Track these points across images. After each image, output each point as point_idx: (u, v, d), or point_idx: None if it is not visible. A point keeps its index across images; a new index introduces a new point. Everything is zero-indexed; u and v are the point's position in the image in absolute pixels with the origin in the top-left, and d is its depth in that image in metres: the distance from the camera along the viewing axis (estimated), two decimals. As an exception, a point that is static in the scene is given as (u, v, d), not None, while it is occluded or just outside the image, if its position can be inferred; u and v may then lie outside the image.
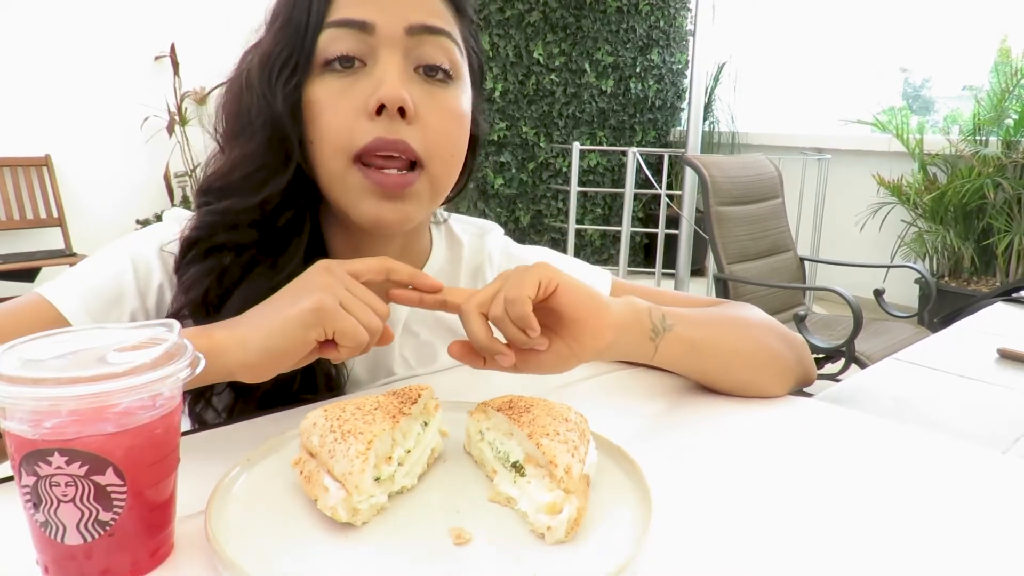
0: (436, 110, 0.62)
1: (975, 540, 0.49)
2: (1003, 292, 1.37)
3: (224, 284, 0.63)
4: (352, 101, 0.60)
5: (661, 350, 0.65)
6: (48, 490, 0.37)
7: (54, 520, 0.37)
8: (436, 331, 0.78)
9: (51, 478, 0.36)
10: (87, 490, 0.37)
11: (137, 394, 0.37)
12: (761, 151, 3.06)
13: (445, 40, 0.62)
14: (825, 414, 0.72)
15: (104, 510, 0.38)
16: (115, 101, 3.69)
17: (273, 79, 0.61)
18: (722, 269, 2.38)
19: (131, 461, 0.38)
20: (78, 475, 0.36)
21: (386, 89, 0.58)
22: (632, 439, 0.55)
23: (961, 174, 3.46)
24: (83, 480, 0.37)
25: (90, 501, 0.37)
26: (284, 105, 0.61)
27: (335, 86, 0.60)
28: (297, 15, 0.61)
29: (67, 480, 0.36)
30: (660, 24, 4.75)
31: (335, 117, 0.60)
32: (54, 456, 0.36)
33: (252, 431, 0.62)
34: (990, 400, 0.83)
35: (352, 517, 0.45)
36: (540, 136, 4.63)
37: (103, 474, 0.37)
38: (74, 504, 0.37)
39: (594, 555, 0.43)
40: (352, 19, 0.59)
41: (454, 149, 0.65)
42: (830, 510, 0.52)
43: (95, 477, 0.37)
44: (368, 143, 0.60)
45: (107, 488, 0.37)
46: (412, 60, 0.61)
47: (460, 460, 0.56)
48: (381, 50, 0.60)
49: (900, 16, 4.23)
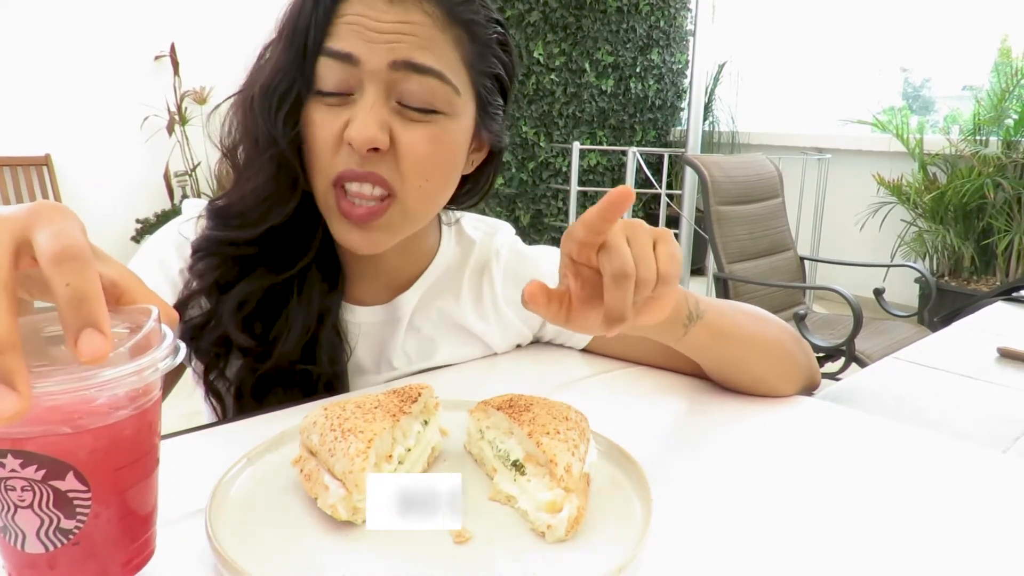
0: (413, 138, 0.62)
1: (975, 540, 0.49)
2: (1003, 291, 1.37)
3: (227, 283, 0.67)
4: (332, 129, 0.62)
5: (689, 335, 0.65)
6: (4, 494, 0.33)
7: (12, 526, 0.34)
8: (438, 327, 0.80)
9: (6, 481, 0.33)
10: (46, 495, 0.33)
11: (108, 391, 0.33)
12: (761, 151, 3.06)
13: (431, 80, 0.61)
14: (825, 413, 0.72)
15: (66, 517, 0.34)
16: (115, 101, 3.69)
17: (273, 111, 0.62)
18: (722, 268, 2.38)
19: (95, 465, 0.34)
20: (34, 479, 0.33)
21: (355, 129, 0.60)
22: (632, 438, 0.55)
23: (961, 174, 3.46)
24: (40, 485, 0.33)
25: (49, 508, 0.34)
26: (287, 140, 0.63)
27: (326, 113, 0.62)
28: (297, 39, 0.62)
29: (23, 484, 0.33)
30: (660, 24, 4.74)
31: (319, 143, 0.63)
32: (7, 458, 0.32)
33: (252, 429, 0.62)
34: (990, 399, 0.83)
35: (352, 515, 0.45)
36: (540, 136, 4.62)
37: (63, 479, 0.33)
38: (32, 511, 0.34)
39: (594, 554, 0.43)
40: (338, 51, 0.60)
41: (430, 177, 0.65)
42: (830, 509, 0.52)
43: (54, 482, 0.33)
44: (341, 172, 0.62)
45: (68, 494, 0.34)
46: (395, 94, 0.62)
47: (460, 459, 0.56)
48: (365, 83, 0.61)
49: (900, 16, 4.23)
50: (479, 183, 0.76)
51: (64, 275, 0.31)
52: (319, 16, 0.61)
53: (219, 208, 0.68)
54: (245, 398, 0.69)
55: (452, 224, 0.83)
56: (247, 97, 0.65)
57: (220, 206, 0.68)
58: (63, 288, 0.31)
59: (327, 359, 0.70)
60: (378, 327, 0.77)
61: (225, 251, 0.67)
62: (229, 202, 0.68)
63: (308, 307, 0.68)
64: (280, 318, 0.68)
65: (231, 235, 0.67)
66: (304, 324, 0.68)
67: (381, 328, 0.77)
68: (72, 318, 0.31)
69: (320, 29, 0.61)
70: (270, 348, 0.68)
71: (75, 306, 0.31)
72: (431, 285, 0.79)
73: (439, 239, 0.81)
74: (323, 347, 0.70)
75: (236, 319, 0.66)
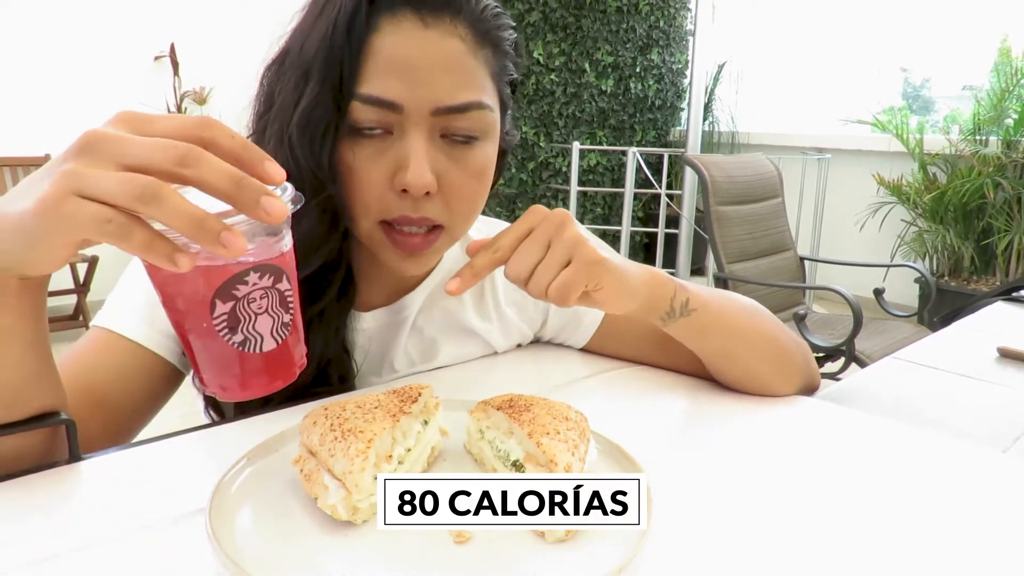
0: (460, 176, 0.62)
1: (975, 539, 0.49)
2: (1003, 291, 1.37)
3: None
4: (380, 172, 0.60)
5: (670, 327, 0.68)
6: (246, 308, 0.42)
7: (253, 334, 0.43)
8: (441, 328, 0.79)
9: (248, 295, 0.42)
10: (274, 298, 0.43)
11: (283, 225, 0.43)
12: (761, 151, 3.06)
13: (472, 112, 0.60)
14: (825, 413, 0.72)
15: (285, 312, 0.44)
16: (115, 101, 3.67)
17: (317, 150, 0.59)
18: (722, 268, 2.38)
19: (291, 270, 0.45)
20: (267, 286, 0.42)
21: (411, 176, 0.58)
22: (632, 438, 0.55)
23: (961, 174, 3.46)
24: (271, 290, 0.43)
25: (277, 308, 0.43)
26: (332, 178, 0.60)
27: (366, 151, 0.60)
28: (331, 77, 0.58)
29: (261, 293, 0.42)
30: (660, 24, 4.74)
31: (364, 185, 0.60)
32: (249, 276, 0.41)
33: (252, 429, 0.62)
34: (990, 399, 0.83)
35: (352, 516, 0.45)
36: (540, 136, 4.62)
37: (282, 282, 0.43)
38: (267, 313, 0.43)
39: (594, 555, 0.43)
40: (380, 98, 0.58)
41: (475, 206, 0.66)
42: (830, 509, 0.52)
43: (278, 286, 0.43)
44: (396, 217, 0.61)
45: (285, 293, 0.44)
46: (438, 130, 0.60)
47: (460, 459, 0.56)
48: (408, 126, 0.59)
49: (900, 16, 4.23)
50: None
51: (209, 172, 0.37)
52: (352, 52, 0.57)
53: None
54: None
55: None
56: (280, 134, 0.61)
57: None
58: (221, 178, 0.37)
59: (337, 377, 0.70)
60: (382, 330, 0.76)
61: None
62: None
63: (326, 333, 0.67)
64: None
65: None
66: (322, 351, 0.67)
67: (385, 331, 0.76)
68: (245, 196, 0.37)
69: (354, 68, 0.58)
70: None
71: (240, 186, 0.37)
72: (436, 286, 0.79)
73: None
74: (334, 366, 0.69)
75: None
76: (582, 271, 0.56)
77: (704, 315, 0.68)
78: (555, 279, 0.55)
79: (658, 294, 0.65)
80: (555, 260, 0.56)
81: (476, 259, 0.57)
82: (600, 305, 0.60)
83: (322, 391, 0.69)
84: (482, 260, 0.57)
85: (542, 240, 0.56)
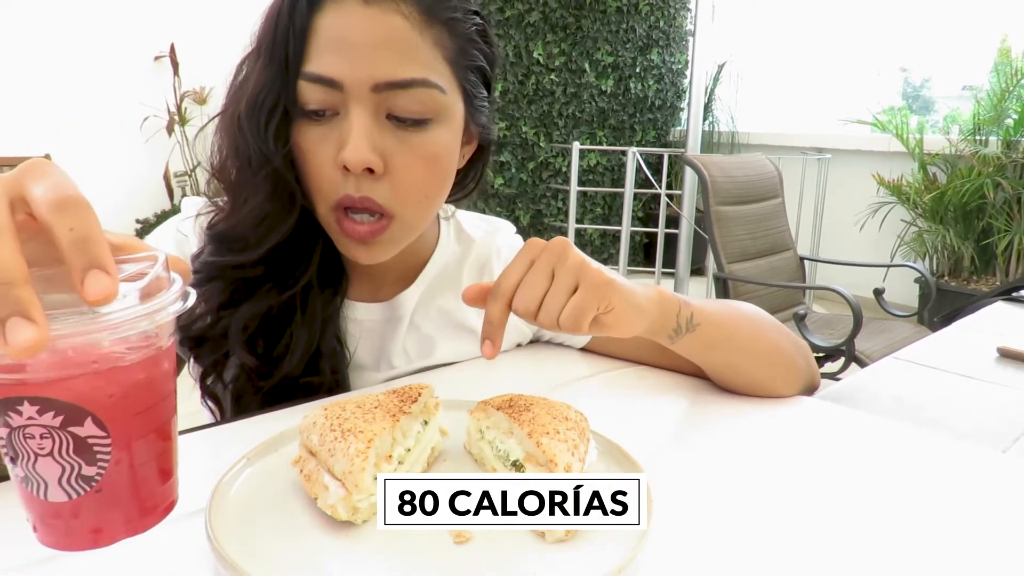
0: (408, 158, 0.62)
1: (975, 540, 0.49)
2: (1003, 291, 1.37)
3: (232, 303, 0.67)
4: (326, 153, 0.61)
5: (679, 343, 0.67)
6: (23, 442, 0.33)
7: (34, 475, 0.33)
8: (438, 325, 0.80)
9: (24, 430, 0.32)
10: (65, 442, 0.33)
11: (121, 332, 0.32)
12: (761, 151, 3.06)
13: (417, 89, 0.60)
14: (825, 413, 0.72)
15: (87, 464, 0.34)
16: (115, 101, 3.69)
17: (263, 129, 0.61)
18: (722, 268, 2.38)
19: (113, 410, 0.33)
20: (52, 426, 0.32)
21: (349, 152, 0.59)
22: (632, 438, 0.55)
23: (961, 174, 3.45)
24: (59, 432, 0.33)
25: (70, 455, 0.33)
26: (280, 156, 0.61)
27: (314, 134, 0.61)
28: (277, 56, 0.60)
29: (42, 432, 0.32)
30: (660, 24, 4.74)
31: (314, 168, 0.62)
32: (23, 405, 0.32)
33: (252, 430, 0.62)
34: (990, 399, 0.83)
35: (352, 516, 0.45)
36: (540, 136, 4.62)
37: (81, 425, 0.33)
38: (52, 458, 0.33)
39: (594, 555, 0.43)
40: (320, 75, 0.59)
41: (427, 193, 0.65)
42: (830, 509, 0.52)
43: (72, 428, 0.33)
44: (338, 199, 0.62)
45: (88, 440, 0.33)
46: (383, 109, 0.61)
47: (460, 459, 0.56)
48: (351, 103, 0.59)
49: (900, 16, 4.23)
50: (468, 176, 0.76)
51: (67, 220, 0.30)
52: (296, 32, 0.59)
53: (218, 233, 0.67)
54: (244, 405, 0.69)
55: (449, 218, 0.83)
56: (233, 115, 0.63)
57: (220, 231, 0.67)
58: (67, 233, 0.30)
59: (329, 368, 0.70)
60: (379, 326, 0.77)
61: (229, 275, 0.66)
62: (228, 226, 0.66)
63: (311, 323, 0.68)
64: (283, 336, 0.67)
65: (234, 259, 0.65)
66: (308, 341, 0.68)
67: (382, 327, 0.77)
68: (78, 260, 0.30)
69: (299, 48, 0.59)
70: (273, 367, 0.67)
71: (80, 248, 0.30)
72: (431, 283, 0.79)
73: (437, 232, 0.81)
74: (325, 357, 0.70)
75: (240, 340, 0.66)
76: (592, 294, 0.54)
77: (708, 329, 0.67)
78: (565, 306, 0.54)
79: (665, 311, 0.63)
80: (563, 287, 0.54)
81: (489, 311, 0.55)
82: (611, 329, 0.57)
83: (314, 380, 0.69)
84: (494, 309, 0.55)
85: (546, 269, 0.54)
